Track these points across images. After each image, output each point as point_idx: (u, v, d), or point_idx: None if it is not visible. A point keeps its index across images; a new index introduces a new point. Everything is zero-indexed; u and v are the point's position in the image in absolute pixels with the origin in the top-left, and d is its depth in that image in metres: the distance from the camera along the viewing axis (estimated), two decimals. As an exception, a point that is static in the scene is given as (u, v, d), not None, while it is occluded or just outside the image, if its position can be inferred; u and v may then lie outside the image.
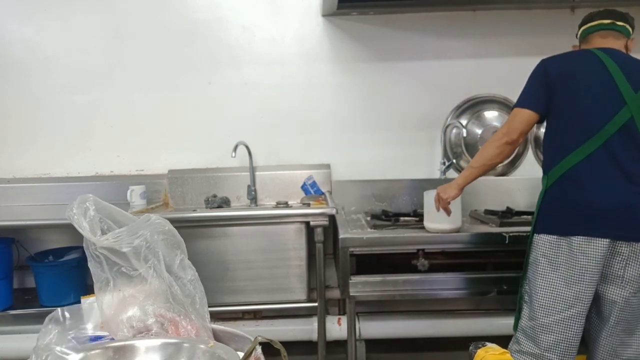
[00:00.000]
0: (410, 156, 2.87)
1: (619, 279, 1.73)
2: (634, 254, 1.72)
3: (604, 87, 1.76)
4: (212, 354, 0.99)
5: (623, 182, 1.73)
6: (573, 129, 1.78)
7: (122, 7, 2.79)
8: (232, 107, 2.84)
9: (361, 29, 2.80)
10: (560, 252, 1.76)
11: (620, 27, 1.88)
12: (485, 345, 1.08)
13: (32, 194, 2.80)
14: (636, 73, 1.79)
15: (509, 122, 1.90)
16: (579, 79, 1.79)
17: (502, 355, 1.04)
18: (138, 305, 1.11)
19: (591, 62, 1.80)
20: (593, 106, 1.76)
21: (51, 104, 2.82)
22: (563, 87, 1.80)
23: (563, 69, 1.82)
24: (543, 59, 1.90)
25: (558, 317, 1.76)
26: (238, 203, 2.80)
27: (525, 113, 1.86)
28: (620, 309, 1.75)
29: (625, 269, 1.73)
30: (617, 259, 1.73)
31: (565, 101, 1.80)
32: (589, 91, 1.77)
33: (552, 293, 1.77)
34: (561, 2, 2.73)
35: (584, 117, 1.77)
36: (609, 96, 1.76)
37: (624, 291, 1.74)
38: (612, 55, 1.81)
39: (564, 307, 1.75)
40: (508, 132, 1.87)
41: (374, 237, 2.16)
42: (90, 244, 1.09)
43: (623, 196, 1.72)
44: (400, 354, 2.76)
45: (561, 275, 1.75)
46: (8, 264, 2.54)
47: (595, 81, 1.77)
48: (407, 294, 2.19)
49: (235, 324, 2.48)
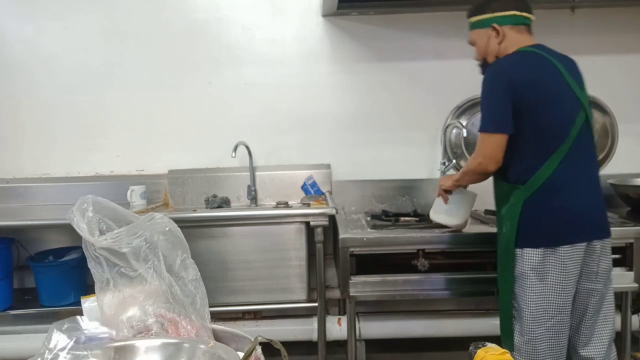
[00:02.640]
0: (410, 156, 2.86)
1: (593, 274, 1.80)
2: (604, 249, 1.81)
3: (563, 91, 1.76)
4: (212, 354, 0.99)
5: (591, 183, 1.80)
6: (543, 139, 1.74)
7: (122, 7, 2.79)
8: (232, 107, 2.84)
9: (361, 29, 2.80)
10: (548, 263, 1.75)
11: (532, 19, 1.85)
12: (485, 345, 1.08)
13: (32, 194, 2.80)
14: (573, 69, 1.82)
15: (482, 150, 1.80)
16: (541, 85, 1.74)
17: (502, 355, 1.04)
18: (138, 305, 1.11)
19: (547, 66, 1.76)
20: (558, 111, 1.74)
21: (51, 104, 2.82)
22: (529, 96, 1.73)
23: (526, 77, 1.73)
24: (501, 67, 1.78)
25: (549, 325, 1.77)
26: (238, 203, 2.80)
27: (498, 139, 1.74)
28: (595, 300, 1.82)
29: (599, 264, 1.80)
30: (592, 257, 1.79)
31: (532, 110, 1.73)
32: (552, 96, 1.74)
33: (542, 304, 1.76)
34: (561, 2, 2.73)
35: (551, 123, 1.74)
36: (567, 98, 1.76)
37: (598, 284, 1.82)
38: (551, 54, 1.80)
39: (554, 313, 1.76)
40: (483, 161, 1.79)
41: (374, 237, 2.16)
42: (90, 245, 1.09)
43: (594, 198, 1.79)
44: (400, 354, 2.76)
45: (549, 284, 1.75)
46: (8, 264, 2.54)
47: (555, 86, 1.76)
48: (407, 294, 2.20)
49: (235, 324, 2.48)
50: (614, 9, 2.76)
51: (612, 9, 2.76)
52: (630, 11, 2.79)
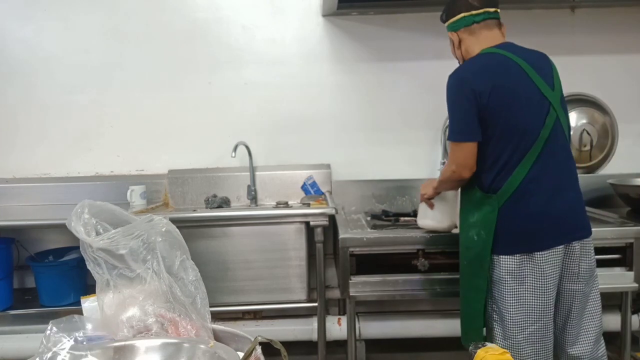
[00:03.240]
0: (410, 156, 2.86)
1: (575, 276, 1.78)
2: (584, 249, 1.78)
3: (530, 92, 1.71)
4: (212, 354, 0.99)
5: (568, 182, 1.77)
6: (512, 143, 1.71)
7: (122, 7, 2.79)
8: (232, 107, 2.84)
9: (361, 29, 2.80)
10: (525, 268, 1.73)
11: (499, 14, 1.80)
12: (485, 345, 1.08)
13: (32, 194, 2.80)
14: (542, 67, 1.76)
15: (454, 158, 1.80)
16: (504, 90, 1.70)
17: (502, 355, 1.04)
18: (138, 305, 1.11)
19: (510, 68, 1.72)
20: (526, 114, 1.71)
21: (51, 104, 2.82)
22: (494, 103, 1.69)
23: (488, 84, 1.69)
24: (461, 77, 1.76)
25: (532, 329, 1.75)
26: (238, 203, 2.80)
27: (468, 147, 1.75)
28: (579, 300, 1.81)
29: (579, 265, 1.78)
30: (572, 259, 1.77)
31: (498, 115, 1.70)
32: (518, 100, 1.70)
33: (522, 308, 1.74)
34: (561, 2, 2.73)
35: (519, 128, 1.70)
36: (536, 100, 1.72)
37: (579, 285, 1.80)
38: (518, 53, 1.75)
39: (536, 318, 1.75)
40: (457, 169, 1.79)
41: (374, 237, 2.16)
42: (87, 247, 1.09)
43: (571, 198, 1.76)
44: (400, 354, 2.76)
45: (528, 288, 1.73)
46: (8, 264, 2.54)
47: (521, 88, 1.71)
48: (407, 294, 2.19)
49: (235, 324, 2.48)
50: (614, 9, 2.76)
51: (612, 9, 2.77)
52: (630, 11, 2.79)
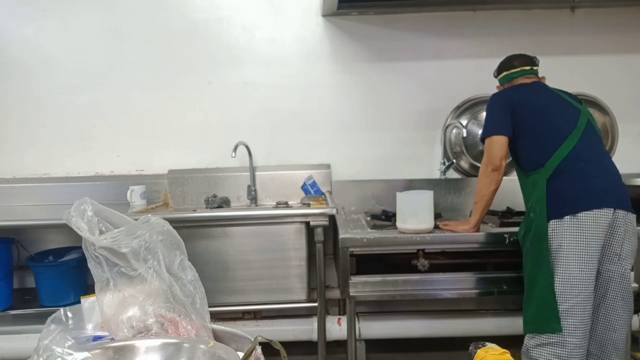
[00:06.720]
0: (410, 156, 2.87)
1: (616, 256, 1.87)
2: (629, 229, 1.87)
3: (559, 102, 2.02)
4: (212, 354, 0.99)
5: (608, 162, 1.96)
6: (548, 137, 1.94)
7: (122, 7, 2.79)
8: (232, 107, 2.84)
9: (361, 29, 2.80)
10: (572, 231, 1.81)
11: (536, 70, 2.14)
12: (485, 345, 1.09)
13: (32, 194, 2.80)
14: (571, 95, 2.09)
15: (487, 152, 2.04)
16: (539, 101, 2.01)
17: (502, 355, 1.04)
18: (138, 305, 1.11)
19: (540, 87, 2.08)
20: (558, 116, 1.97)
21: (51, 104, 2.83)
22: (527, 108, 1.99)
23: (523, 96, 2.03)
24: (501, 92, 2.11)
25: (576, 301, 1.81)
26: (238, 203, 2.80)
27: (499, 139, 2.02)
28: (617, 283, 1.88)
29: (622, 246, 1.86)
30: (616, 237, 1.85)
31: (532, 118, 1.98)
32: (550, 106, 2.00)
33: (568, 278, 1.82)
34: (561, 2, 2.74)
35: (553, 127, 1.95)
36: (565, 107, 2.01)
37: (620, 267, 1.87)
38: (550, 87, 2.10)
39: (580, 289, 1.81)
40: (490, 161, 2.02)
41: (374, 237, 2.16)
42: (90, 245, 1.09)
43: (613, 173, 1.94)
44: (400, 354, 2.77)
45: (575, 257, 1.81)
46: (8, 264, 2.54)
47: (551, 99, 2.03)
48: (407, 294, 2.19)
49: (235, 324, 2.48)
50: (614, 9, 2.77)
51: (612, 9, 2.77)
52: (630, 11, 2.79)
